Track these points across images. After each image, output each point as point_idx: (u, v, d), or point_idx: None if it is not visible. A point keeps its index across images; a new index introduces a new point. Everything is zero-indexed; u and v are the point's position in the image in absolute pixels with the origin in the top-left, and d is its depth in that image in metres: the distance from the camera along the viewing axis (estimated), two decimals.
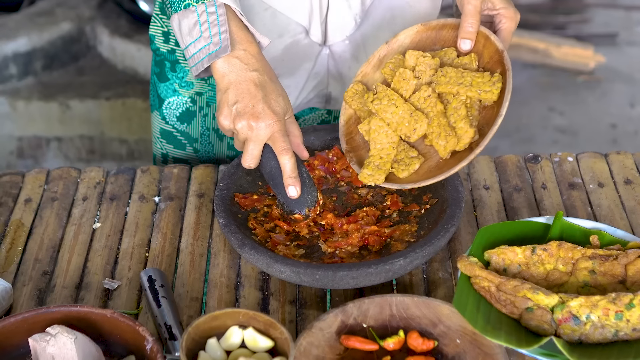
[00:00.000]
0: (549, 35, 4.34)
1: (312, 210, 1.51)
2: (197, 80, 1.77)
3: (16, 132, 3.63)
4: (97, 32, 3.82)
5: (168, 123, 1.83)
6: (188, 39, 1.47)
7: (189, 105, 1.80)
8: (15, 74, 3.67)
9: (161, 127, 1.85)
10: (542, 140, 3.85)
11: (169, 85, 1.80)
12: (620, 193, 1.66)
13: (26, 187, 1.71)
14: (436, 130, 1.48)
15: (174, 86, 1.79)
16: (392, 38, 1.59)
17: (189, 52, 1.48)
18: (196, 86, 1.78)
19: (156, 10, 1.76)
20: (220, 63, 1.45)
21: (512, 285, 1.36)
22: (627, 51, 4.45)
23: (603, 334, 1.32)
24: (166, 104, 1.81)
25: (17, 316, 1.31)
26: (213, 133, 1.82)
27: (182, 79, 1.78)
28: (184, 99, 1.80)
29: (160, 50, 1.78)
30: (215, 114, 1.45)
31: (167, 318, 1.38)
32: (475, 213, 1.63)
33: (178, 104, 1.80)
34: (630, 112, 4.04)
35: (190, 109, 1.80)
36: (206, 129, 1.81)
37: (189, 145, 1.84)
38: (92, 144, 3.65)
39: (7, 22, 3.73)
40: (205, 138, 1.82)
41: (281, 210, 1.52)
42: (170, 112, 1.82)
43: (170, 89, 1.80)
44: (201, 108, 1.80)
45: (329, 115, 1.83)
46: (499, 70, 1.50)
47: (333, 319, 1.35)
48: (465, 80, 1.48)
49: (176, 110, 1.81)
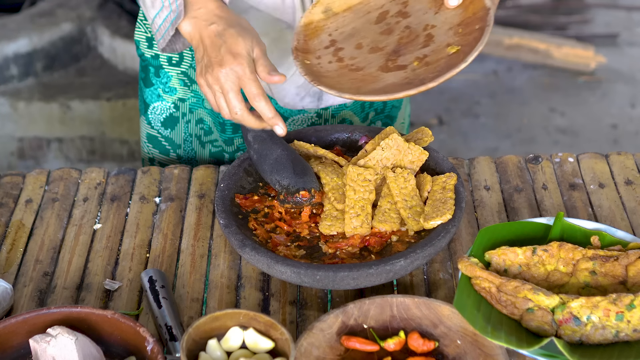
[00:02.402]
0: (549, 35, 4.33)
1: (317, 195, 1.51)
2: (180, 86, 1.78)
3: (17, 133, 3.63)
4: (97, 32, 3.82)
5: (153, 128, 1.84)
6: (152, 11, 1.51)
7: (172, 111, 1.81)
8: (16, 74, 3.67)
9: (147, 131, 1.86)
10: (542, 141, 3.85)
11: (153, 90, 1.81)
12: (621, 194, 1.66)
13: (27, 188, 1.71)
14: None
15: (158, 91, 1.81)
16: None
17: (156, 24, 1.51)
18: (179, 92, 1.79)
19: (140, 16, 1.77)
20: (184, 27, 1.48)
21: (512, 286, 1.36)
22: (628, 52, 4.45)
23: (604, 335, 1.32)
24: (151, 109, 1.83)
25: (18, 317, 1.31)
26: (195, 139, 1.83)
27: (165, 84, 1.79)
28: (167, 104, 1.81)
29: (145, 55, 1.79)
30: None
31: (167, 319, 1.38)
32: (475, 214, 1.63)
33: (162, 109, 1.82)
34: (631, 113, 4.04)
35: (173, 115, 1.81)
36: (189, 135, 1.82)
37: (172, 151, 1.85)
38: (92, 144, 3.65)
39: (7, 22, 3.74)
40: (188, 144, 1.83)
41: (285, 194, 1.51)
42: (155, 117, 1.83)
43: (155, 94, 1.81)
44: (184, 114, 1.81)
45: (319, 119, 1.82)
46: (478, 25, 1.46)
47: (334, 320, 1.35)
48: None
49: (160, 115, 1.82)
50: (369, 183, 1.50)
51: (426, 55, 1.46)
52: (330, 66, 1.51)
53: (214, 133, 1.82)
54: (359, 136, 1.64)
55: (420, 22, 1.51)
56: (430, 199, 1.49)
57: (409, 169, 1.54)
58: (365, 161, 1.54)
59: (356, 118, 1.84)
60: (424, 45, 1.48)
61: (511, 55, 4.29)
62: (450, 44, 1.46)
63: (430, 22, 1.51)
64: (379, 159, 1.54)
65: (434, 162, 1.57)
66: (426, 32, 1.50)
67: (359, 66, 1.49)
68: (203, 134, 1.82)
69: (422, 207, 1.48)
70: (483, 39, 1.41)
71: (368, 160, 1.53)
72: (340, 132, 1.65)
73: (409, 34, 1.51)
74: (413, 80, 1.43)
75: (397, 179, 1.51)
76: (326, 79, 1.48)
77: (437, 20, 1.50)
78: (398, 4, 1.56)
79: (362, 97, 1.42)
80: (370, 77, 1.47)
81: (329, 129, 1.65)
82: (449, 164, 1.56)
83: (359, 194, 1.49)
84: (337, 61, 1.51)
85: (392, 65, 1.47)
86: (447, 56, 1.44)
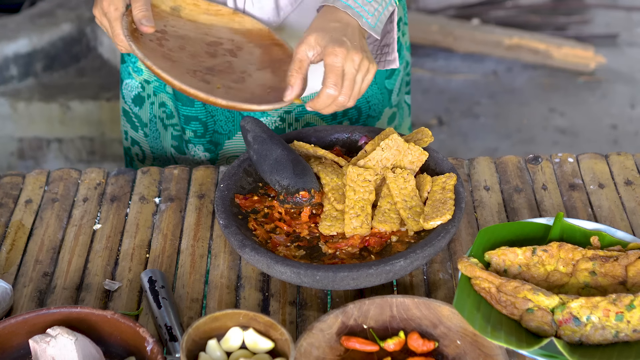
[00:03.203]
0: (549, 36, 4.34)
1: (317, 195, 1.51)
2: (146, 68, 1.82)
3: (17, 133, 3.63)
4: (97, 33, 3.82)
5: (126, 102, 1.90)
6: None
7: (139, 90, 1.86)
8: (15, 75, 3.67)
9: (122, 106, 1.92)
10: (542, 141, 3.85)
11: (125, 67, 1.88)
12: (620, 194, 1.66)
13: (27, 188, 1.71)
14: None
15: (128, 69, 1.86)
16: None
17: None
18: (145, 73, 1.84)
19: None
20: None
21: (512, 286, 1.36)
22: (628, 52, 4.45)
23: (603, 335, 1.32)
24: (124, 85, 1.89)
25: (18, 317, 1.31)
26: (159, 121, 1.87)
27: (134, 63, 1.85)
28: (136, 83, 1.86)
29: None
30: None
31: (167, 319, 1.38)
32: (475, 214, 1.63)
33: (132, 87, 1.87)
34: (631, 113, 4.04)
35: (140, 94, 1.87)
36: (153, 116, 1.86)
37: (141, 129, 1.90)
38: (92, 145, 3.65)
39: (7, 23, 3.73)
40: (153, 125, 1.88)
41: (285, 195, 1.51)
42: (127, 93, 1.89)
43: (127, 71, 1.87)
44: (149, 95, 1.86)
45: (282, 123, 1.81)
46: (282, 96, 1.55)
47: (333, 320, 1.35)
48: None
49: (130, 92, 1.88)
50: (369, 183, 1.50)
51: (231, 87, 1.57)
52: (151, 44, 1.59)
53: (175, 118, 1.83)
54: (359, 136, 1.64)
55: (241, 66, 1.63)
56: (430, 200, 1.49)
57: (408, 170, 1.54)
58: (365, 162, 1.54)
59: (323, 123, 1.83)
60: (234, 81, 1.58)
61: (511, 56, 4.29)
62: (253, 93, 1.57)
63: (248, 71, 1.61)
64: (378, 160, 1.54)
65: (434, 163, 1.57)
66: (242, 75, 1.61)
67: (172, 57, 1.58)
68: (165, 117, 1.86)
69: (422, 208, 1.48)
70: (275, 105, 1.52)
71: (368, 161, 1.53)
72: (340, 133, 1.65)
73: (227, 67, 1.62)
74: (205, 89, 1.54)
75: (397, 179, 1.51)
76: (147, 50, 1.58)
77: (254, 74, 1.61)
78: (233, 44, 1.67)
79: (175, 81, 1.50)
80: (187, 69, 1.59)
81: (329, 129, 1.65)
82: (448, 164, 1.56)
83: (358, 194, 1.49)
84: (158, 44, 1.60)
85: (199, 75, 1.57)
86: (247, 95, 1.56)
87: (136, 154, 1.92)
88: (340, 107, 1.51)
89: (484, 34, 4.29)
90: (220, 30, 1.70)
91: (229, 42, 1.68)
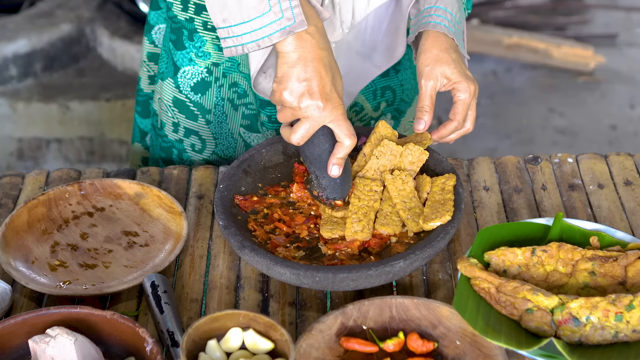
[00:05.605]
0: (549, 35, 4.34)
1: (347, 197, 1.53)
2: (215, 51, 1.76)
3: (16, 134, 3.63)
4: (97, 33, 3.82)
5: (182, 92, 1.81)
6: (253, 13, 1.42)
7: (204, 76, 1.79)
8: (15, 75, 3.67)
9: (174, 95, 1.82)
10: (542, 141, 3.85)
11: (185, 54, 1.78)
12: (620, 194, 1.66)
13: (26, 188, 1.71)
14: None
15: (190, 55, 1.78)
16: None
17: (250, 26, 1.44)
18: (213, 57, 1.77)
19: None
20: (290, 38, 1.42)
21: (512, 286, 1.36)
22: (627, 52, 4.45)
23: (603, 335, 1.32)
24: (181, 72, 1.80)
25: (17, 318, 1.31)
26: (228, 103, 1.81)
27: (199, 48, 1.77)
28: (199, 69, 1.78)
29: (177, 17, 1.76)
30: (273, 86, 1.45)
31: (169, 324, 1.37)
32: (475, 214, 1.63)
33: (193, 74, 1.79)
34: (630, 113, 4.04)
35: (205, 79, 1.79)
36: (221, 99, 1.80)
37: (202, 117, 1.82)
38: (92, 145, 3.65)
39: (7, 23, 3.74)
40: (219, 109, 1.81)
41: (317, 193, 1.51)
42: (184, 81, 1.80)
43: (187, 57, 1.78)
44: (217, 79, 1.78)
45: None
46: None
47: (333, 321, 1.35)
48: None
49: (191, 80, 1.80)
50: (375, 194, 1.51)
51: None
52: None
53: (249, 96, 1.81)
54: (359, 136, 1.64)
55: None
56: (430, 200, 1.49)
57: (407, 171, 1.54)
58: (364, 173, 1.54)
59: (368, 105, 1.84)
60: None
61: (510, 56, 4.29)
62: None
63: None
64: (375, 168, 1.54)
65: (434, 163, 1.57)
66: None
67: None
68: (236, 97, 1.81)
69: (421, 209, 1.49)
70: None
71: (366, 172, 1.54)
72: None
73: None
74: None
75: (395, 180, 1.51)
76: None
77: None
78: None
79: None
80: None
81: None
82: (448, 165, 1.56)
83: (363, 202, 1.50)
84: None
85: None
86: None
87: (192, 144, 1.87)
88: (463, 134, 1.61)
89: (484, 33, 4.29)
90: None
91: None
